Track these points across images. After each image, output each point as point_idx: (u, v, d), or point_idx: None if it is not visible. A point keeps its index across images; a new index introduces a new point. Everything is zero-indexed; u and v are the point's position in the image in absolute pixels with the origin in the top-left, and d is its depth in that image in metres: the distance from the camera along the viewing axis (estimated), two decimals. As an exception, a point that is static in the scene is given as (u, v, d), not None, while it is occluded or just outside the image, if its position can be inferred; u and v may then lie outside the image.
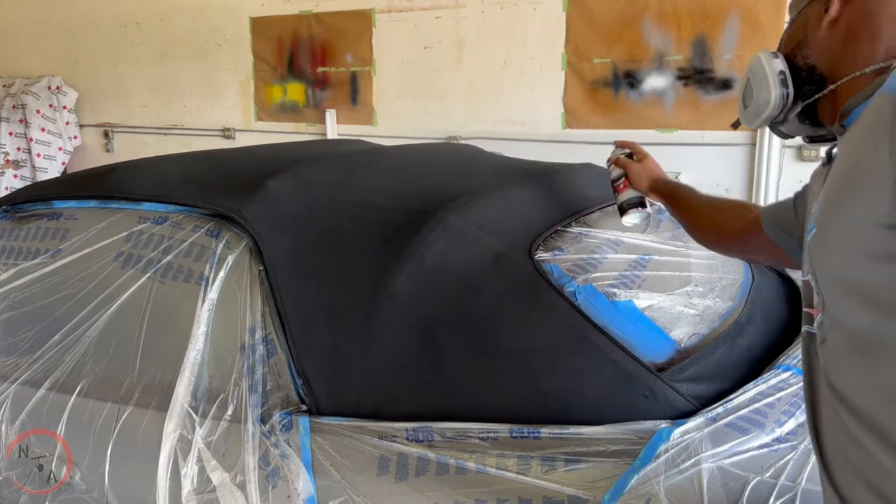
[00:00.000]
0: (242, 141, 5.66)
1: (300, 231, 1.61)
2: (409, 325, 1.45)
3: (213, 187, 1.79)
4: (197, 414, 1.54)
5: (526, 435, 1.29)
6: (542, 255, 1.56)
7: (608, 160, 1.78)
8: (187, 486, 1.48)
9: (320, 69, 5.32)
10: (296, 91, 5.46)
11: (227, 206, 1.67)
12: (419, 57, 4.92)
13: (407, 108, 5.03)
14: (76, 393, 1.71)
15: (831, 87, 0.98)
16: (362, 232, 1.56)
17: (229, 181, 1.80)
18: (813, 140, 1.14)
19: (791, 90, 1.05)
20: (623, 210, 1.67)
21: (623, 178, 1.70)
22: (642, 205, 1.66)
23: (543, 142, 4.51)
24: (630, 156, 1.75)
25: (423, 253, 1.47)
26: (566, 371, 1.38)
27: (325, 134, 5.31)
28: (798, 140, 1.20)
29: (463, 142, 4.62)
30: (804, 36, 1.03)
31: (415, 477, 1.31)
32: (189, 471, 1.48)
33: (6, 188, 6.26)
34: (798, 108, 1.06)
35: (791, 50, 1.06)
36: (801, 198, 1.21)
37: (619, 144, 1.80)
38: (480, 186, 1.74)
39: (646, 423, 1.28)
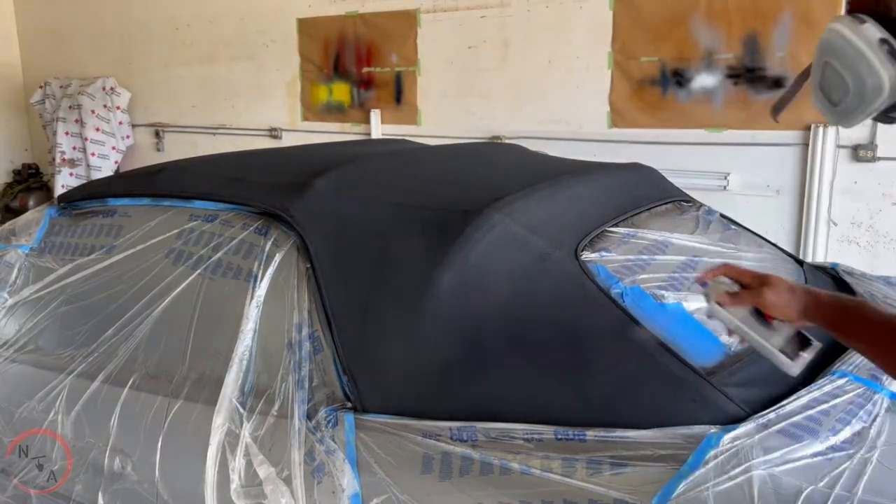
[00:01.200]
0: (289, 141, 5.73)
1: (346, 229, 1.62)
2: (453, 324, 1.45)
3: (262, 186, 1.81)
4: (244, 409, 1.56)
5: (571, 437, 1.28)
6: (588, 256, 1.54)
7: (709, 300, 1.22)
8: (235, 479, 1.50)
9: (365, 69, 5.36)
10: (341, 91, 5.51)
11: (275, 205, 1.69)
12: (464, 56, 4.92)
13: (451, 107, 5.03)
14: (129, 386, 1.76)
15: None
16: (407, 231, 1.57)
17: (277, 180, 1.83)
18: None
19: None
20: (789, 357, 1.15)
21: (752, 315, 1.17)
22: (805, 342, 1.17)
23: (588, 141, 4.47)
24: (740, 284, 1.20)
25: (468, 252, 1.47)
26: (612, 373, 1.37)
27: (369, 134, 5.35)
28: (853, 139, 0.91)
29: (507, 141, 4.60)
30: None
31: (458, 476, 1.31)
32: (236, 465, 1.51)
33: (63, 186, 6.45)
34: None
35: (878, 1, 0.77)
36: None
37: (710, 277, 1.23)
38: (525, 186, 1.73)
39: (694, 427, 1.26)
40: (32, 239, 2.12)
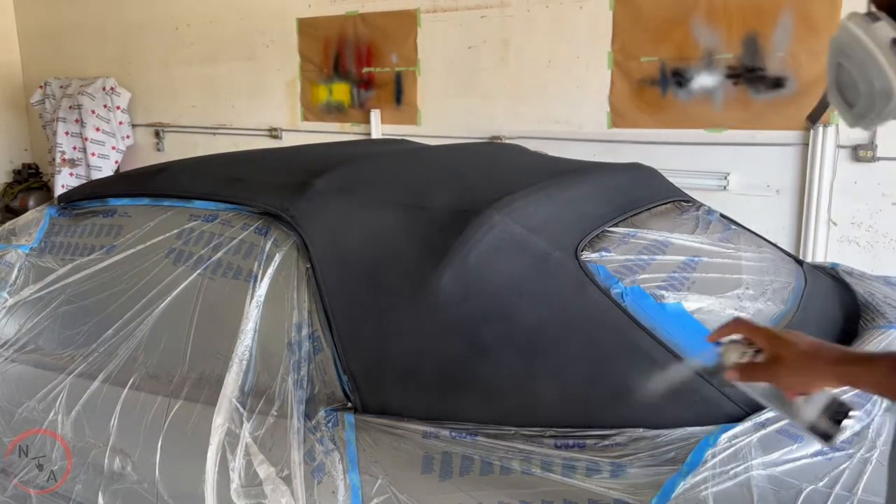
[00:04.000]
0: (289, 141, 5.74)
1: (346, 229, 1.62)
2: (453, 324, 1.45)
3: (262, 186, 1.81)
4: (244, 409, 1.56)
5: (571, 445, 1.28)
6: (588, 256, 1.54)
7: (723, 367, 1.07)
8: (235, 479, 1.50)
9: (365, 69, 5.36)
10: (341, 91, 5.51)
11: (275, 205, 1.69)
12: (464, 56, 4.92)
13: (451, 107, 5.03)
14: (129, 386, 1.76)
15: None
16: (407, 231, 1.57)
17: (277, 180, 1.83)
18: None
19: None
20: (828, 439, 1.00)
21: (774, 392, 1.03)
22: (841, 414, 0.98)
23: (588, 141, 4.47)
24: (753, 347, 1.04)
25: (468, 252, 1.47)
26: (612, 374, 1.37)
27: (369, 134, 5.35)
28: (853, 139, 0.82)
29: (507, 141, 4.60)
30: None
31: (459, 476, 1.31)
32: (237, 464, 1.51)
33: (63, 186, 6.46)
34: None
35: None
36: None
37: (720, 337, 1.08)
38: (525, 186, 1.73)
39: (694, 427, 1.26)
40: (32, 239, 2.12)
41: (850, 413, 0.97)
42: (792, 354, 0.97)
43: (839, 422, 0.97)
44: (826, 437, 0.98)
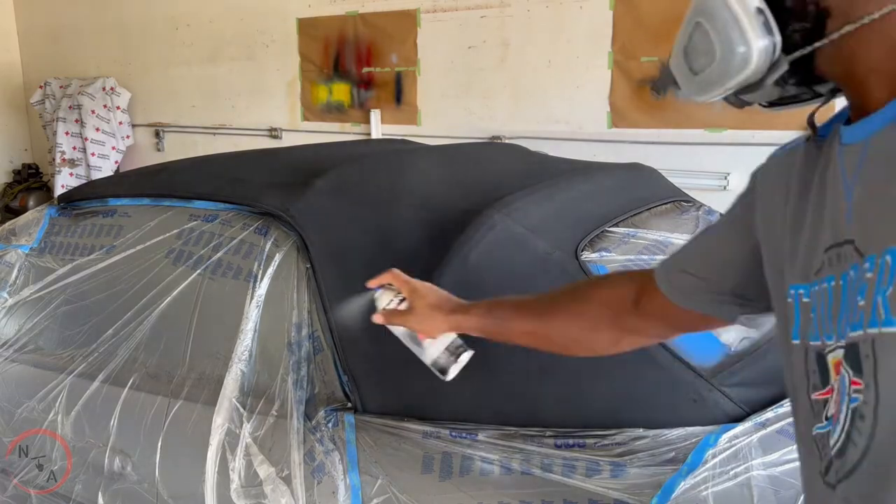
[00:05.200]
0: (289, 141, 5.73)
1: (346, 229, 1.62)
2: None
3: (262, 186, 1.81)
4: (244, 409, 1.56)
5: (571, 445, 1.28)
6: (588, 256, 1.54)
7: (377, 307, 1.28)
8: (235, 479, 1.50)
9: (365, 69, 5.36)
10: (341, 91, 5.51)
11: (275, 205, 1.69)
12: (464, 56, 4.92)
13: (451, 107, 5.03)
14: (128, 386, 1.76)
15: (846, 28, 0.65)
16: (407, 231, 1.57)
17: (277, 180, 1.83)
18: (776, 104, 0.80)
19: (778, 38, 0.69)
20: (445, 373, 1.24)
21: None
22: (457, 353, 1.23)
23: (589, 141, 4.47)
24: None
25: (468, 252, 1.47)
26: (613, 374, 1.37)
27: (369, 134, 5.35)
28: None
29: (507, 141, 4.60)
30: None
31: (459, 476, 1.31)
32: (237, 465, 1.51)
33: (63, 186, 6.45)
34: (784, 67, 0.71)
35: None
36: (741, 215, 0.90)
37: (376, 284, 1.28)
38: (526, 186, 1.73)
39: (694, 427, 1.26)
40: (32, 239, 2.12)
41: (465, 353, 1.22)
42: (421, 305, 1.19)
43: (456, 359, 1.21)
44: (443, 371, 1.22)
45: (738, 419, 1.28)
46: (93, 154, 6.50)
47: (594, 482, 1.21)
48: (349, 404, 1.49)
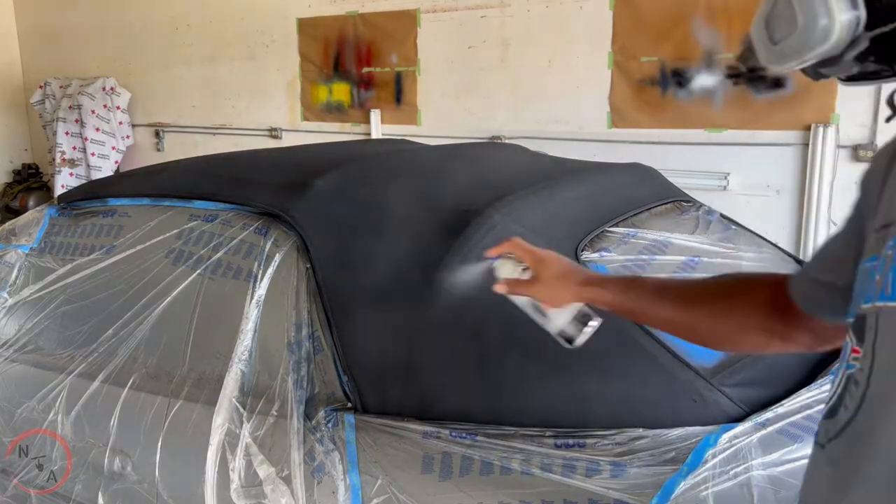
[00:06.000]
0: (289, 141, 5.73)
1: (346, 230, 1.62)
2: (454, 324, 1.45)
3: (262, 186, 1.81)
4: (244, 409, 1.56)
5: (571, 445, 1.28)
6: (588, 256, 1.54)
7: (496, 279, 1.25)
8: (235, 479, 1.50)
9: (365, 69, 5.36)
10: (341, 91, 5.51)
11: (275, 205, 1.69)
12: (464, 56, 4.92)
13: (451, 107, 5.03)
14: (128, 386, 1.76)
15: None
16: (408, 231, 1.57)
17: (277, 180, 1.82)
18: (854, 79, 0.77)
19: (863, 13, 0.69)
20: (569, 340, 1.20)
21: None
22: (584, 321, 1.19)
23: (589, 141, 4.47)
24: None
25: (468, 252, 1.47)
26: (613, 374, 1.37)
27: (369, 134, 5.35)
28: (854, 140, 0.81)
29: (507, 141, 4.60)
30: None
31: (459, 476, 1.31)
32: (236, 465, 1.51)
33: (62, 186, 6.45)
34: (864, 44, 0.70)
35: None
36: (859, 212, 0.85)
37: (496, 253, 1.25)
38: (526, 186, 1.73)
39: (694, 427, 1.26)
40: (32, 239, 2.12)
41: (591, 322, 1.17)
42: (547, 275, 1.16)
43: (583, 328, 1.17)
44: (570, 340, 1.19)
45: (738, 419, 1.28)
46: (93, 154, 6.50)
47: (594, 482, 1.21)
48: (349, 404, 1.49)
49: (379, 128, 5.33)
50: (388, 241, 1.57)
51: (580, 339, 1.18)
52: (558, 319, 1.19)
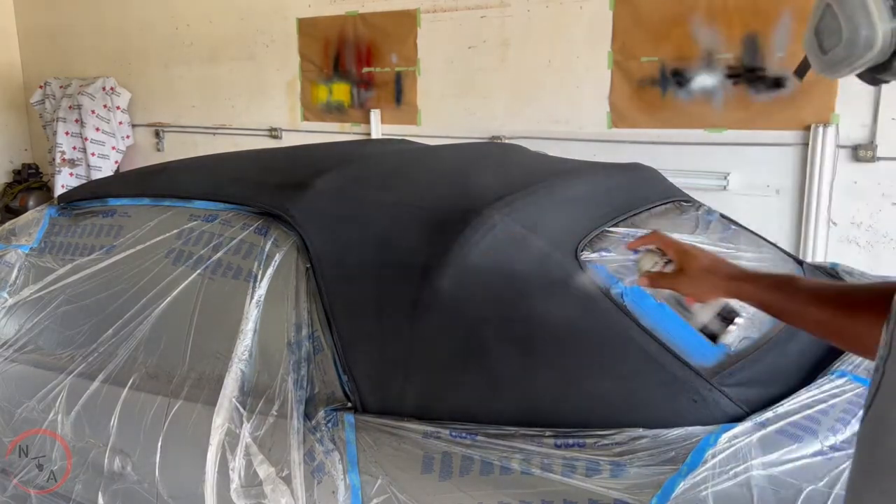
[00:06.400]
0: (289, 141, 5.73)
1: (346, 229, 1.62)
2: (453, 324, 1.45)
3: (262, 186, 1.81)
4: (244, 409, 1.56)
5: (571, 445, 1.28)
6: (588, 256, 1.54)
7: (637, 272, 1.25)
8: (235, 479, 1.50)
9: (365, 69, 5.36)
10: (341, 91, 5.51)
11: (275, 205, 1.69)
12: (464, 56, 4.92)
13: (451, 107, 5.03)
14: (129, 386, 1.76)
15: None
16: (408, 231, 1.57)
17: (277, 180, 1.83)
18: None
19: None
20: (713, 336, 1.21)
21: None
22: (730, 318, 1.19)
23: (589, 141, 4.47)
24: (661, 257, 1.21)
25: (467, 252, 1.47)
26: (613, 374, 1.37)
27: (369, 134, 5.35)
28: (854, 140, 0.81)
29: (507, 141, 4.60)
30: None
31: (459, 476, 1.31)
32: (237, 464, 1.51)
33: (62, 186, 6.45)
34: None
35: None
36: None
37: (638, 245, 1.25)
38: (525, 186, 1.73)
39: (694, 427, 1.26)
40: (32, 239, 2.12)
41: (737, 319, 1.16)
42: (693, 268, 1.14)
43: (728, 324, 1.15)
44: (713, 336, 1.18)
45: (738, 419, 1.28)
46: (93, 154, 6.50)
47: (594, 482, 1.21)
48: (349, 404, 1.49)
49: (379, 128, 5.33)
50: (388, 241, 1.57)
51: (726, 337, 1.17)
52: (702, 315, 1.18)
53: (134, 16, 6.54)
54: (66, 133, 6.54)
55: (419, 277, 1.48)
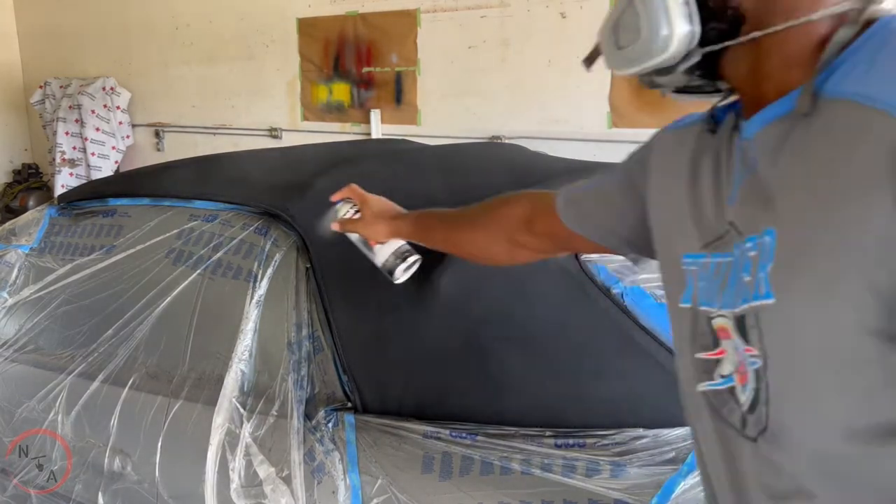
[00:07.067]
0: (289, 141, 5.73)
1: (346, 229, 1.62)
2: (454, 324, 1.45)
3: (262, 186, 1.81)
4: (244, 409, 1.56)
5: (571, 445, 1.28)
6: (588, 256, 1.54)
7: (333, 220, 1.43)
8: (235, 479, 1.50)
9: (365, 69, 5.36)
10: (341, 91, 5.51)
11: (275, 205, 1.69)
12: (464, 56, 4.92)
13: (451, 107, 5.03)
14: (129, 386, 1.76)
15: (756, 34, 0.72)
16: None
17: (277, 180, 1.83)
18: (682, 91, 0.88)
19: (698, 29, 0.74)
20: (392, 274, 1.37)
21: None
22: (404, 257, 1.36)
23: (589, 141, 4.47)
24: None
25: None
26: (613, 374, 1.37)
27: (369, 134, 5.35)
28: None
29: (507, 141, 4.60)
30: None
31: (459, 476, 1.31)
32: (237, 464, 1.51)
33: (62, 186, 6.45)
34: (696, 58, 0.76)
35: None
36: (635, 177, 0.95)
37: (337, 198, 1.43)
38: (526, 186, 1.72)
39: (694, 427, 1.26)
40: (32, 239, 2.12)
41: (412, 257, 1.35)
42: (367, 213, 1.36)
43: (404, 261, 1.34)
44: (391, 272, 1.35)
45: (738, 419, 1.28)
46: (93, 154, 6.50)
47: (594, 482, 1.21)
48: (349, 404, 1.49)
49: (379, 128, 5.33)
50: (388, 241, 1.57)
51: (399, 273, 1.35)
52: (381, 254, 1.36)
53: (134, 16, 6.54)
54: (66, 133, 6.54)
55: (419, 278, 1.48)
